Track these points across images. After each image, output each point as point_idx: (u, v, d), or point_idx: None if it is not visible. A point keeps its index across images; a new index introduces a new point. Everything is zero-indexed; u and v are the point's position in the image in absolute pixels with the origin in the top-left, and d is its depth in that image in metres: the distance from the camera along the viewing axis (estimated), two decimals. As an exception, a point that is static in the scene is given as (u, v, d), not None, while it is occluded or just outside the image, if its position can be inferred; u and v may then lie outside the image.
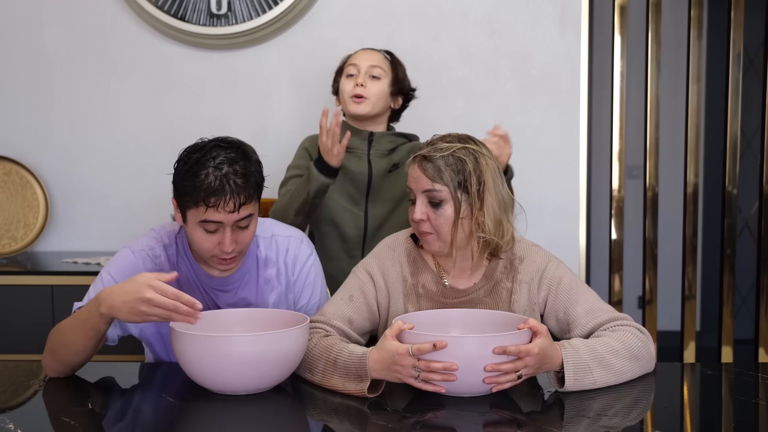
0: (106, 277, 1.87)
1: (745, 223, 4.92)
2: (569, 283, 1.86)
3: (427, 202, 1.82)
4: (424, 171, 1.81)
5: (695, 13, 3.25)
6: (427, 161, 1.81)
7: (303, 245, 2.01)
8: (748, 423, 1.58)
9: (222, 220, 1.76)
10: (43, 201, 3.14)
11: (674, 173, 4.46)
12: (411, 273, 1.90)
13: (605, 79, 4.48)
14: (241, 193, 1.75)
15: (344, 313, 1.86)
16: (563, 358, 1.66)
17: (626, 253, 3.60)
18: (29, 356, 2.49)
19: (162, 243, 1.92)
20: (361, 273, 1.93)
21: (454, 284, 1.89)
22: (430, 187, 1.80)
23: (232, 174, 1.74)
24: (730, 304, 3.32)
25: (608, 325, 1.79)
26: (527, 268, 1.88)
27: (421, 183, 1.81)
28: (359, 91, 2.37)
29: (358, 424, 1.57)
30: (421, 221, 1.83)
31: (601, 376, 1.68)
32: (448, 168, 1.79)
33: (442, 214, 1.81)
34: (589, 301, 1.83)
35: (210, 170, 1.74)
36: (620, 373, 1.71)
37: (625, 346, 1.73)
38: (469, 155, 1.81)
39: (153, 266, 1.89)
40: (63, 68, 3.16)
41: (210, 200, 1.73)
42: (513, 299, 1.87)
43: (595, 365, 1.68)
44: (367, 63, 2.40)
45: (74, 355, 1.76)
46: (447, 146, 1.81)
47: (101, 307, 1.69)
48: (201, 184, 1.73)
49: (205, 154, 1.76)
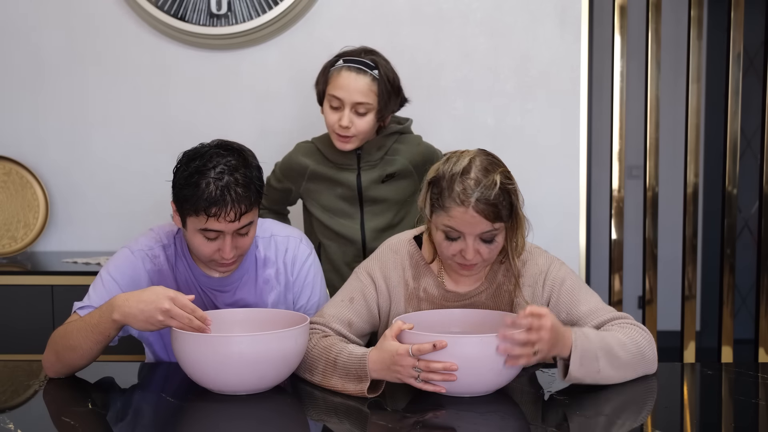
0: (105, 277, 1.87)
1: (745, 223, 4.92)
2: (572, 284, 1.86)
3: (480, 240, 1.76)
4: (484, 215, 1.71)
5: (695, 13, 3.25)
6: (481, 204, 1.70)
7: (302, 245, 2.00)
8: (748, 423, 1.58)
9: (223, 229, 1.76)
10: (43, 201, 3.14)
11: (674, 173, 4.46)
12: (413, 276, 1.90)
13: (605, 79, 4.48)
14: (242, 203, 1.74)
15: (344, 316, 1.86)
16: (573, 340, 1.65)
17: (626, 253, 3.60)
18: (29, 356, 2.48)
19: (161, 243, 1.92)
20: (363, 275, 1.92)
21: (456, 288, 1.89)
22: (491, 228, 1.74)
23: (233, 183, 1.73)
24: (730, 304, 3.32)
25: (613, 322, 1.79)
26: (530, 271, 1.88)
27: (480, 227, 1.73)
28: (345, 133, 2.25)
29: (358, 424, 1.57)
30: (473, 264, 1.79)
31: (606, 367, 1.68)
32: (502, 204, 1.73)
33: (495, 248, 1.78)
34: (591, 302, 1.84)
35: (210, 180, 1.73)
36: (624, 368, 1.71)
37: (633, 341, 1.73)
38: (508, 181, 1.75)
39: (152, 266, 1.89)
40: (63, 68, 3.16)
41: (211, 210, 1.73)
42: (515, 302, 1.87)
43: (602, 354, 1.68)
44: (353, 99, 2.22)
45: (80, 359, 1.76)
46: (492, 181, 1.72)
47: (114, 313, 1.70)
48: (202, 194, 1.72)
49: (206, 162, 1.75)
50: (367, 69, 2.24)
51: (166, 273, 1.91)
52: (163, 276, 1.90)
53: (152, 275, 1.89)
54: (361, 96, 2.22)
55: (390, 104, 2.28)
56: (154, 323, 1.68)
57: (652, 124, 3.28)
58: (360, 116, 2.24)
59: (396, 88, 2.29)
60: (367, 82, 2.23)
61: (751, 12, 3.67)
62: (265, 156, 3.10)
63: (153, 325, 1.68)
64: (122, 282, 1.86)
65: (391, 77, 2.27)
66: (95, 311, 1.76)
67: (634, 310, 4.74)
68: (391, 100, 2.27)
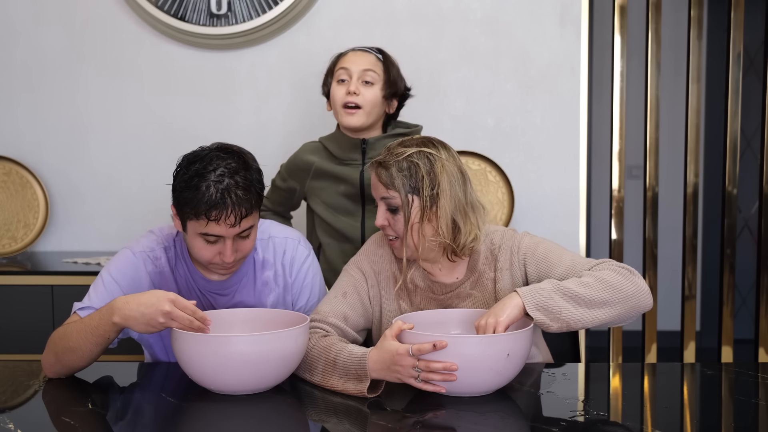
0: (106, 278, 1.87)
1: (745, 223, 4.91)
2: (543, 251, 1.87)
3: (386, 208, 1.84)
4: (378, 177, 1.84)
5: (695, 13, 3.25)
6: (381, 167, 1.83)
7: (300, 246, 2.00)
8: (748, 423, 1.58)
9: (223, 233, 1.75)
10: (43, 201, 3.14)
11: (674, 173, 4.46)
12: (400, 269, 1.92)
13: (605, 79, 4.48)
14: (243, 206, 1.74)
15: (339, 310, 1.87)
16: (519, 293, 1.70)
17: (626, 253, 3.60)
18: (29, 356, 2.49)
19: (162, 245, 1.92)
20: (353, 270, 1.95)
21: (440, 279, 1.91)
22: (385, 194, 1.83)
23: (234, 186, 1.73)
24: (730, 304, 3.32)
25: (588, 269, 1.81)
26: (504, 254, 1.90)
27: (378, 190, 1.85)
28: (352, 99, 2.29)
29: (357, 424, 1.57)
30: (383, 227, 1.86)
31: (568, 306, 1.69)
32: (401, 173, 1.81)
33: (399, 220, 1.84)
34: (565, 261, 1.84)
35: (211, 182, 1.72)
36: (596, 304, 1.71)
37: (598, 279, 1.74)
38: (424, 159, 1.82)
39: (153, 268, 1.89)
40: (63, 68, 3.16)
41: (211, 214, 1.72)
42: (497, 288, 1.88)
43: (557, 296, 1.70)
44: (359, 67, 2.30)
45: (79, 360, 1.76)
46: (402, 151, 1.83)
47: (114, 316, 1.69)
48: (202, 197, 1.72)
49: (206, 165, 1.74)
50: (372, 51, 2.35)
51: (167, 275, 1.91)
52: (164, 278, 1.90)
53: (153, 277, 1.89)
54: (368, 65, 2.31)
55: (397, 83, 2.35)
56: (155, 325, 1.68)
57: (652, 124, 3.28)
58: (367, 86, 2.30)
59: (399, 75, 2.37)
60: (373, 58, 2.34)
61: (751, 12, 3.67)
62: (265, 156, 3.11)
63: (154, 327, 1.68)
64: (123, 283, 1.86)
65: (395, 63, 2.37)
66: (95, 313, 1.75)
67: (634, 310, 4.73)
68: (397, 79, 2.35)
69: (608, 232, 3.38)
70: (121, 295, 1.83)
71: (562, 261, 1.84)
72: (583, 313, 1.70)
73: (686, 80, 3.30)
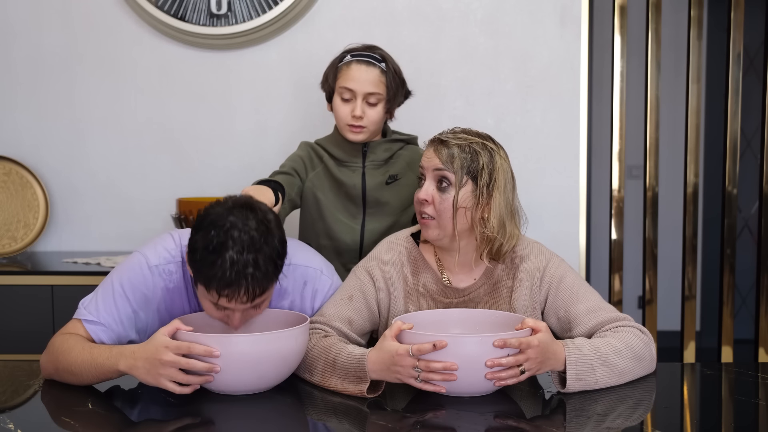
0: (118, 289, 1.81)
1: (745, 223, 4.92)
2: (571, 281, 1.85)
3: (436, 183, 1.82)
4: (437, 153, 1.81)
5: (695, 13, 3.25)
6: (443, 145, 1.82)
7: (323, 276, 1.93)
8: (748, 423, 1.58)
9: (233, 308, 1.69)
10: (43, 201, 3.14)
11: (674, 173, 4.46)
12: (411, 272, 1.90)
13: (605, 79, 4.48)
14: (257, 287, 1.64)
15: (344, 314, 1.86)
16: (566, 355, 1.66)
17: (626, 253, 3.60)
18: (29, 356, 2.48)
19: (179, 258, 1.84)
20: (361, 273, 1.92)
21: (455, 283, 1.89)
22: (441, 167, 1.80)
23: (252, 265, 1.61)
24: (730, 304, 3.32)
25: (610, 325, 1.79)
26: (528, 266, 1.87)
27: (433, 162, 1.82)
28: (358, 123, 2.28)
29: (357, 424, 1.57)
30: (425, 202, 1.82)
31: (604, 376, 1.68)
32: (463, 154, 1.80)
33: (447, 199, 1.80)
34: (590, 300, 1.83)
35: (227, 257, 1.60)
36: (622, 374, 1.71)
37: (628, 346, 1.73)
38: (485, 150, 1.82)
39: (164, 285, 1.83)
40: (63, 68, 3.16)
41: (223, 292, 1.63)
42: (514, 297, 1.87)
43: (598, 365, 1.68)
44: (364, 89, 2.26)
45: (78, 382, 1.74)
46: (466, 137, 1.82)
47: (120, 364, 1.66)
48: (216, 272, 1.61)
49: (225, 234, 1.61)
50: (375, 62, 2.31)
51: (181, 291, 1.84)
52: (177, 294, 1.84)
53: (165, 294, 1.84)
54: (372, 86, 2.28)
55: (398, 95, 2.35)
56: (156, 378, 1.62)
57: (652, 124, 3.28)
58: (371, 106, 2.29)
59: (402, 81, 2.37)
60: (377, 73, 2.30)
61: (751, 12, 3.67)
62: (265, 156, 3.12)
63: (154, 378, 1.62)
64: (134, 299, 1.81)
65: (397, 70, 2.35)
66: (104, 351, 1.70)
67: (634, 310, 4.74)
68: (398, 91, 2.34)
69: (608, 232, 3.38)
70: (130, 313, 1.80)
71: (588, 299, 1.83)
72: (607, 382, 1.70)
73: (686, 80, 3.30)
